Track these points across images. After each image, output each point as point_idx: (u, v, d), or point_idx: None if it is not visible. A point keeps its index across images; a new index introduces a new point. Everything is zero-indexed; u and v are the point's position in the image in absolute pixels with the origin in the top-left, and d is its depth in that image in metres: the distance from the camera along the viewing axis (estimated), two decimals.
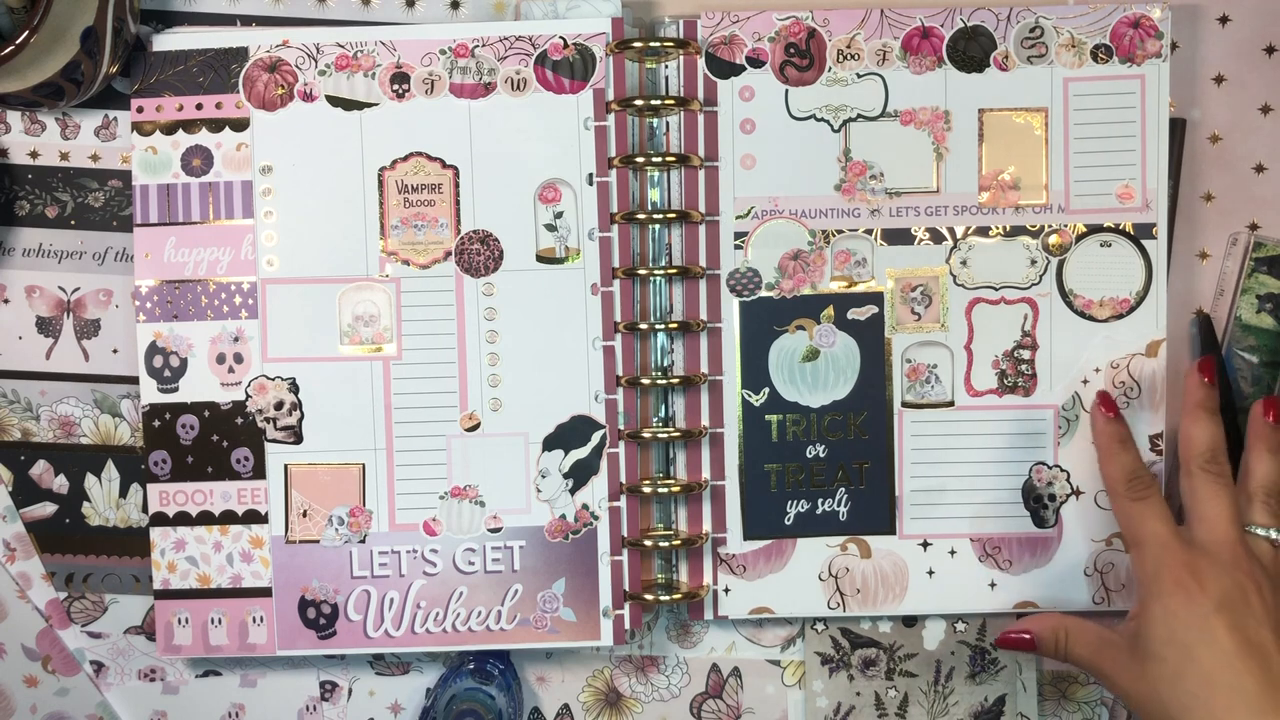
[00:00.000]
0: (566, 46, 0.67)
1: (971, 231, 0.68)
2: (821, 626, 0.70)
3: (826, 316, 0.68)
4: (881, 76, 0.68)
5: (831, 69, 0.68)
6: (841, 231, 0.68)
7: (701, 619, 0.70)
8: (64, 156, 0.70)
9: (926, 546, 0.69)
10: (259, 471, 0.68)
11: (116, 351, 0.70)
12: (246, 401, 0.68)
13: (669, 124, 0.68)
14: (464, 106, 0.68)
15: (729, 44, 0.68)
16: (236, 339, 0.68)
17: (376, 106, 0.68)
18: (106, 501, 0.71)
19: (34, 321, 0.70)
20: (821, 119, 0.68)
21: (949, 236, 0.68)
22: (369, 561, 0.68)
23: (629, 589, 0.68)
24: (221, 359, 0.68)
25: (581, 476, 0.68)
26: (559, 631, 0.68)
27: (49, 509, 0.71)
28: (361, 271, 0.68)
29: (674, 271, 0.67)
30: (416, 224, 0.68)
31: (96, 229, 0.70)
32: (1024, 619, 0.66)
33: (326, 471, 0.68)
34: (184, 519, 0.69)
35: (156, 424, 0.68)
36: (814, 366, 0.68)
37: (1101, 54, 0.67)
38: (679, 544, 0.68)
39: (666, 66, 0.68)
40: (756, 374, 0.68)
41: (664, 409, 0.69)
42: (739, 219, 0.68)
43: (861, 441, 0.68)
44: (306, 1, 0.70)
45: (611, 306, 0.68)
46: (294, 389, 0.68)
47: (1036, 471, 0.68)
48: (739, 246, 0.68)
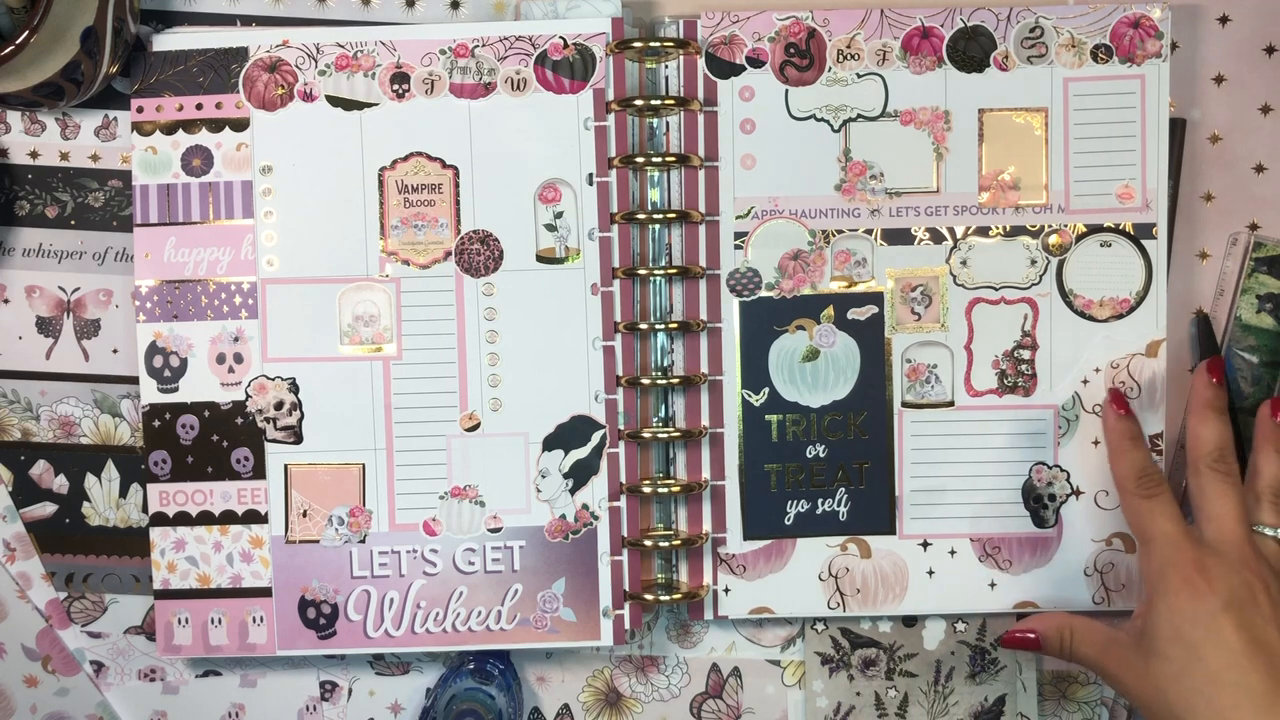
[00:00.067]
0: (566, 46, 0.67)
1: (971, 231, 0.68)
2: (821, 626, 0.70)
3: (826, 316, 0.68)
4: (881, 76, 0.68)
5: (831, 69, 0.68)
6: (841, 231, 0.68)
7: (701, 619, 0.70)
8: (64, 156, 0.70)
9: (926, 546, 0.68)
10: (259, 471, 0.68)
11: (116, 351, 0.70)
12: (246, 401, 0.68)
13: (669, 124, 0.68)
14: (464, 106, 0.68)
15: (729, 44, 0.68)
16: (236, 339, 0.68)
17: (376, 106, 0.68)
18: (106, 501, 0.71)
19: (34, 321, 0.70)
20: (821, 119, 0.68)
21: (949, 236, 0.68)
22: (369, 561, 0.68)
23: (629, 589, 0.68)
24: (221, 359, 0.68)
25: (581, 476, 0.68)
26: (559, 631, 0.68)
27: (49, 509, 0.71)
28: (361, 271, 0.68)
29: (674, 271, 0.67)
30: (416, 224, 0.68)
31: (96, 229, 0.70)
32: (1028, 619, 0.65)
33: (326, 471, 0.68)
34: (184, 519, 0.69)
35: (156, 424, 0.68)
36: (814, 366, 0.68)
37: (1101, 54, 0.67)
38: (679, 544, 0.67)
39: (666, 66, 0.68)
40: (756, 374, 0.68)
41: (664, 409, 0.69)
42: (739, 219, 0.68)
43: (861, 441, 0.68)
44: (306, 1, 0.70)
45: (611, 306, 0.68)
46: (294, 389, 0.68)
47: (1036, 471, 0.68)
48: (739, 246, 0.68)
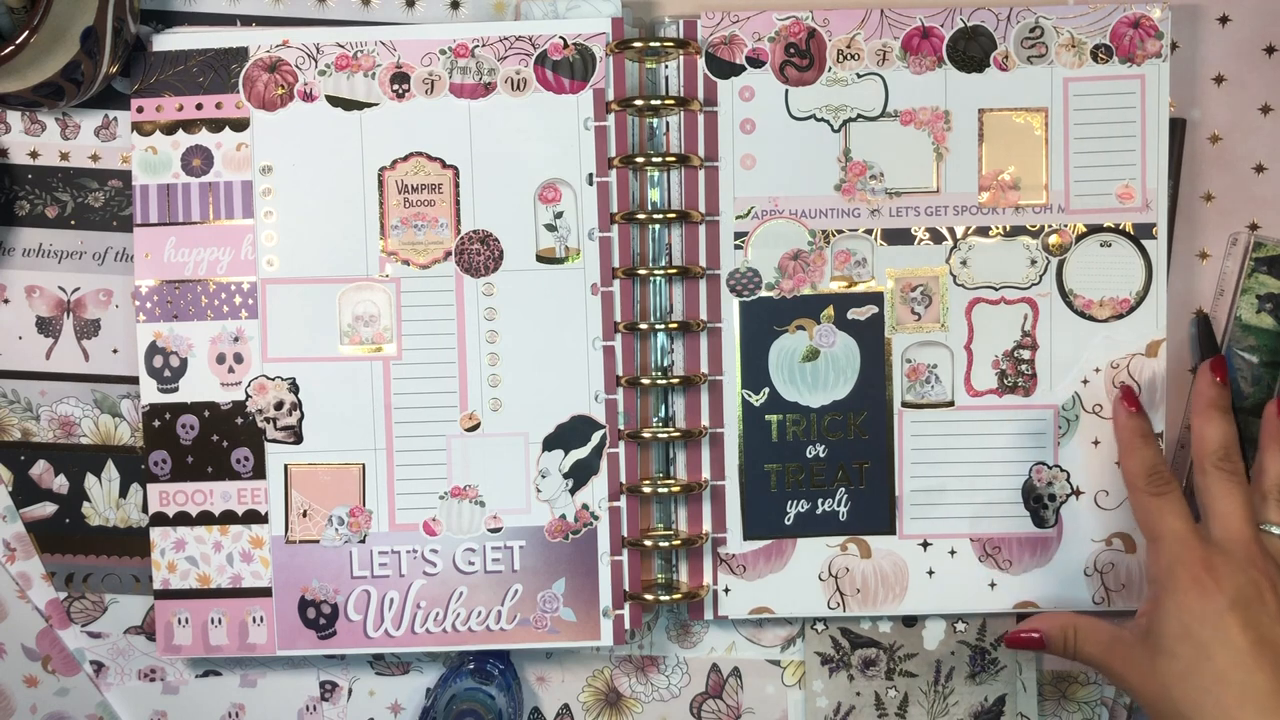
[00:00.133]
0: (566, 46, 0.67)
1: (971, 231, 0.68)
2: (821, 626, 0.70)
3: (826, 316, 0.68)
4: (881, 76, 0.68)
5: (831, 69, 0.68)
6: (841, 231, 0.68)
7: (701, 619, 0.70)
8: (64, 156, 0.70)
9: (926, 546, 0.68)
10: (259, 471, 0.68)
11: (116, 351, 0.70)
12: (246, 401, 0.68)
13: (669, 124, 0.68)
14: (464, 106, 0.68)
15: (729, 44, 0.68)
16: (236, 339, 0.68)
17: (376, 106, 0.68)
18: (106, 501, 0.71)
19: (34, 321, 0.70)
20: (821, 119, 0.68)
21: (949, 236, 0.68)
22: (369, 561, 0.68)
23: (629, 589, 0.68)
24: (221, 359, 0.68)
25: (581, 476, 0.68)
26: (559, 631, 0.68)
27: (49, 509, 0.71)
28: (361, 271, 0.68)
29: (674, 271, 0.67)
30: (416, 224, 0.68)
31: (96, 229, 0.70)
32: (1032, 618, 0.65)
33: (326, 471, 0.68)
34: (184, 519, 0.69)
35: (156, 424, 0.68)
36: (814, 366, 0.68)
37: (1101, 54, 0.67)
38: (679, 544, 0.67)
39: (666, 66, 0.68)
40: (756, 374, 0.68)
41: (664, 409, 0.69)
42: (739, 219, 0.68)
43: (861, 441, 0.68)
44: (306, 1, 0.70)
45: (611, 306, 0.68)
46: (294, 389, 0.68)
47: (1036, 471, 0.68)
48: (739, 246, 0.68)
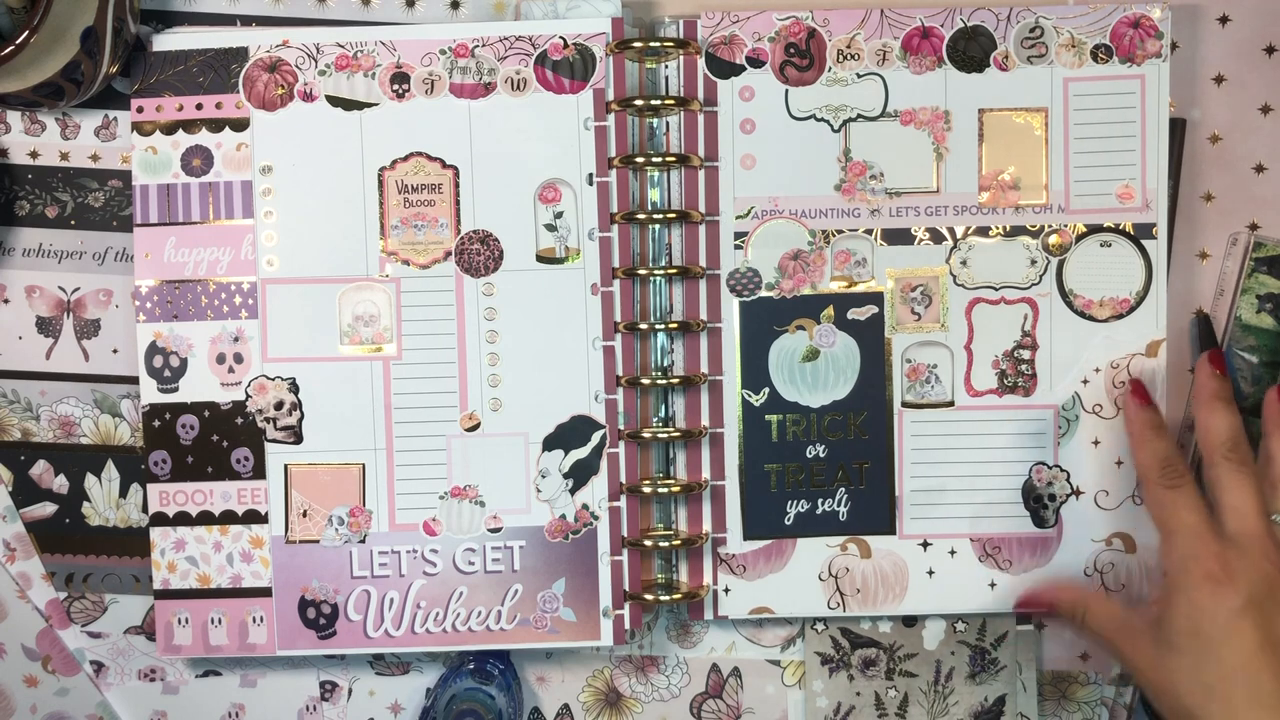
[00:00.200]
0: (566, 46, 0.67)
1: (971, 231, 0.68)
2: (821, 626, 0.70)
3: (826, 316, 0.68)
4: (881, 76, 0.68)
5: (831, 69, 0.68)
6: (841, 231, 0.68)
7: (701, 619, 0.70)
8: (64, 156, 0.70)
9: (926, 546, 0.68)
10: (259, 471, 0.68)
11: (116, 351, 0.70)
12: (246, 401, 0.68)
13: (669, 124, 0.68)
14: (464, 106, 0.68)
15: (729, 44, 0.68)
16: (236, 339, 0.68)
17: (376, 106, 0.68)
18: (106, 501, 0.71)
19: (34, 321, 0.70)
20: (821, 119, 0.68)
21: (949, 236, 0.68)
22: (369, 561, 0.68)
23: (629, 589, 0.68)
24: (221, 359, 0.68)
25: (581, 476, 0.68)
26: (559, 631, 0.68)
27: (49, 509, 0.71)
28: (361, 271, 0.68)
29: (674, 271, 0.67)
30: (416, 224, 0.68)
31: (96, 229, 0.70)
32: (1050, 584, 0.66)
33: (326, 471, 0.68)
34: (184, 519, 0.69)
35: (156, 424, 0.68)
36: (814, 366, 0.68)
37: (1101, 54, 0.67)
38: (679, 544, 0.67)
39: (666, 66, 0.68)
40: (756, 374, 0.68)
41: (664, 409, 0.69)
42: (739, 219, 0.68)
43: (861, 441, 0.68)
44: (306, 1, 0.70)
45: (611, 306, 0.68)
46: (294, 389, 0.68)
47: (1036, 471, 0.68)
48: (739, 246, 0.68)
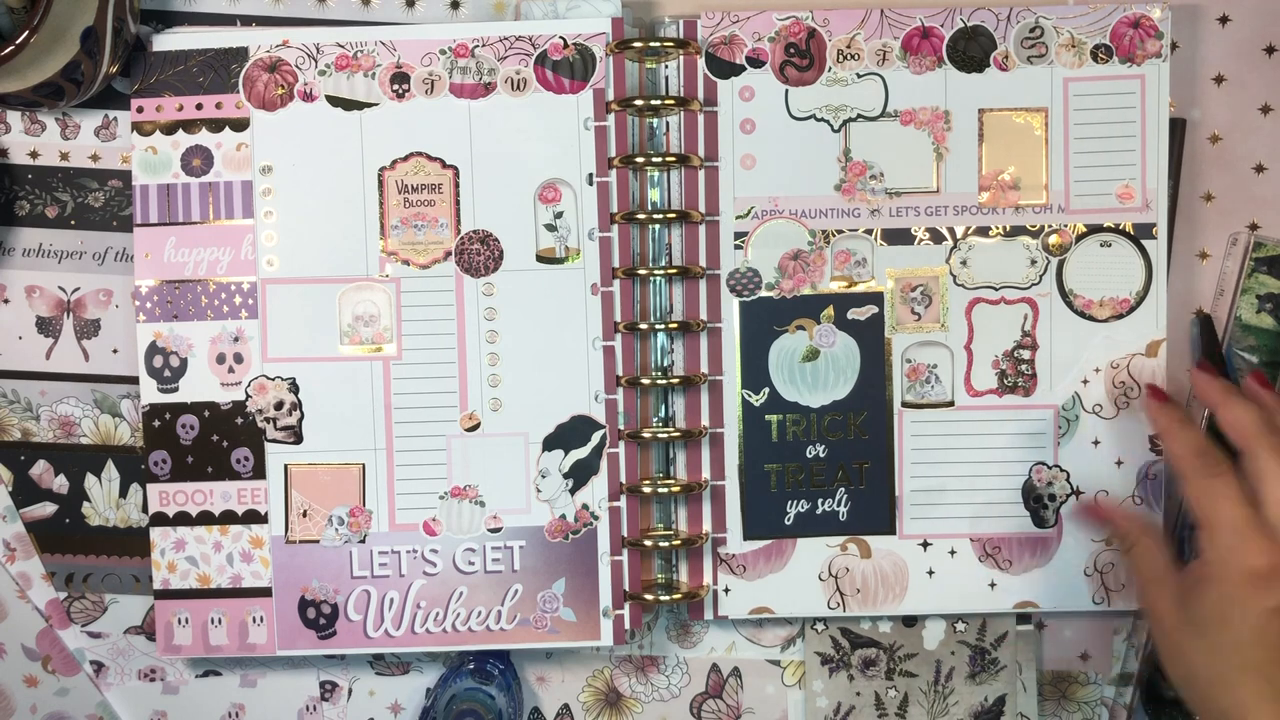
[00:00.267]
0: (566, 46, 0.67)
1: (971, 231, 0.68)
2: (821, 626, 0.70)
3: (826, 316, 0.68)
4: (881, 76, 0.68)
5: (831, 69, 0.68)
6: (841, 231, 0.68)
7: (701, 619, 0.70)
8: (64, 156, 0.70)
9: (926, 546, 0.68)
10: (259, 471, 0.68)
11: (116, 351, 0.70)
12: (246, 401, 0.68)
13: (669, 124, 0.68)
14: (464, 106, 0.68)
15: (729, 44, 0.68)
16: (236, 339, 0.68)
17: (376, 106, 0.68)
18: (106, 501, 0.71)
19: (34, 321, 0.70)
20: (821, 119, 0.68)
21: (949, 236, 0.68)
22: (369, 561, 0.68)
23: (629, 589, 0.68)
24: (221, 359, 0.68)
25: (581, 476, 0.68)
26: (559, 631, 0.68)
27: (49, 509, 0.71)
28: (361, 271, 0.68)
29: (674, 271, 0.67)
30: (416, 224, 0.68)
31: (96, 229, 0.70)
32: (1114, 507, 0.67)
33: (326, 471, 0.68)
34: (184, 519, 0.69)
35: (156, 424, 0.68)
36: (814, 366, 0.68)
37: (1101, 54, 0.67)
38: (679, 544, 0.67)
39: (666, 66, 0.68)
40: (756, 374, 0.68)
41: (664, 409, 0.69)
42: (739, 219, 0.68)
43: (861, 441, 0.68)
44: (306, 1, 0.70)
45: (611, 306, 0.68)
46: (294, 389, 0.68)
47: (1036, 471, 0.68)
48: (739, 246, 0.68)
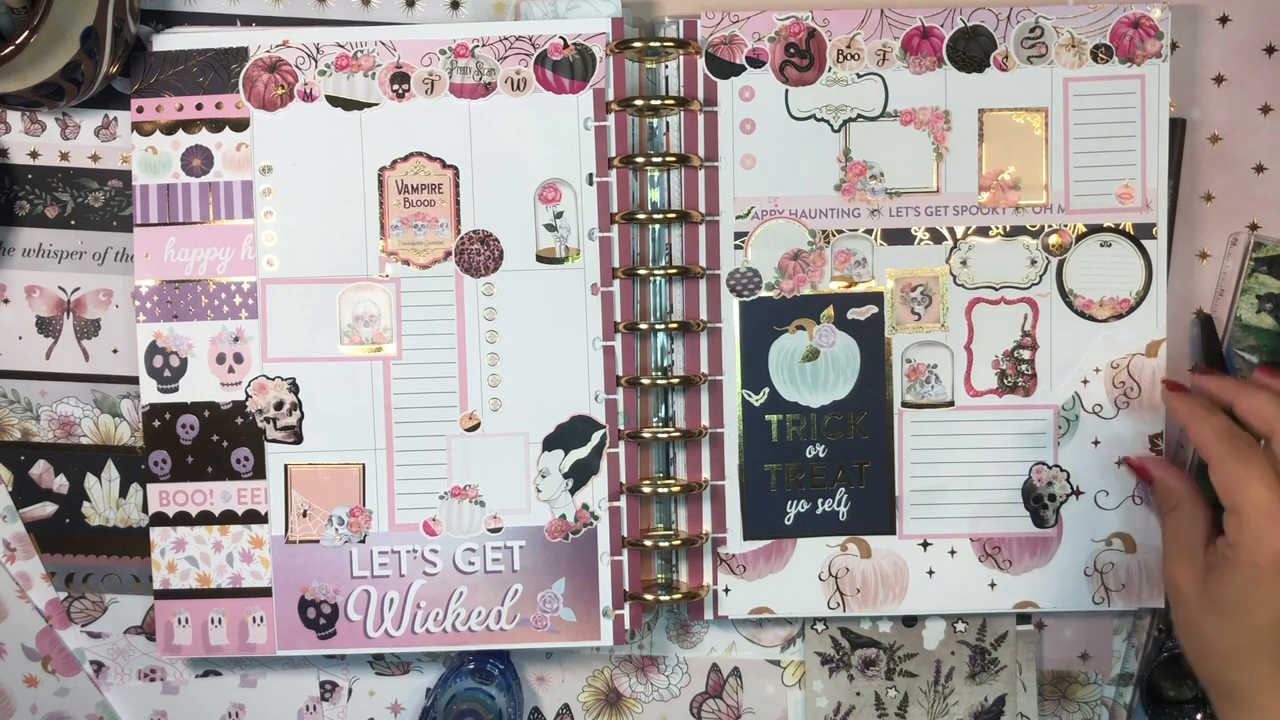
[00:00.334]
0: (566, 46, 0.67)
1: (971, 231, 0.68)
2: (821, 626, 0.70)
3: (826, 316, 0.68)
4: (881, 76, 0.68)
5: (831, 69, 0.68)
6: (841, 231, 0.68)
7: (701, 619, 0.70)
8: (64, 156, 0.70)
9: (926, 546, 0.68)
10: (259, 471, 0.68)
11: (116, 351, 0.70)
12: (246, 401, 0.68)
13: (669, 124, 0.68)
14: (464, 106, 0.68)
15: (729, 44, 0.68)
16: (236, 339, 0.68)
17: (376, 106, 0.68)
18: (106, 501, 0.71)
19: (34, 321, 0.70)
20: (821, 119, 0.68)
21: (949, 236, 0.68)
22: (369, 561, 0.68)
23: (629, 589, 0.68)
24: (221, 359, 0.68)
25: (581, 476, 0.68)
26: (559, 631, 0.68)
27: (49, 509, 0.71)
28: (361, 271, 0.68)
29: (674, 271, 0.67)
30: (416, 224, 0.68)
31: (96, 229, 0.70)
32: (1161, 463, 0.66)
33: (326, 471, 0.68)
34: (184, 519, 0.69)
35: (156, 424, 0.68)
36: (814, 366, 0.68)
37: (1101, 54, 0.67)
38: (679, 544, 0.67)
39: (666, 66, 0.68)
40: (756, 374, 0.68)
41: (664, 409, 0.69)
42: (739, 219, 0.68)
43: (861, 441, 0.68)
44: (306, 1, 0.70)
45: (611, 306, 0.68)
46: (294, 389, 0.68)
47: (1036, 471, 0.68)
48: (739, 246, 0.68)
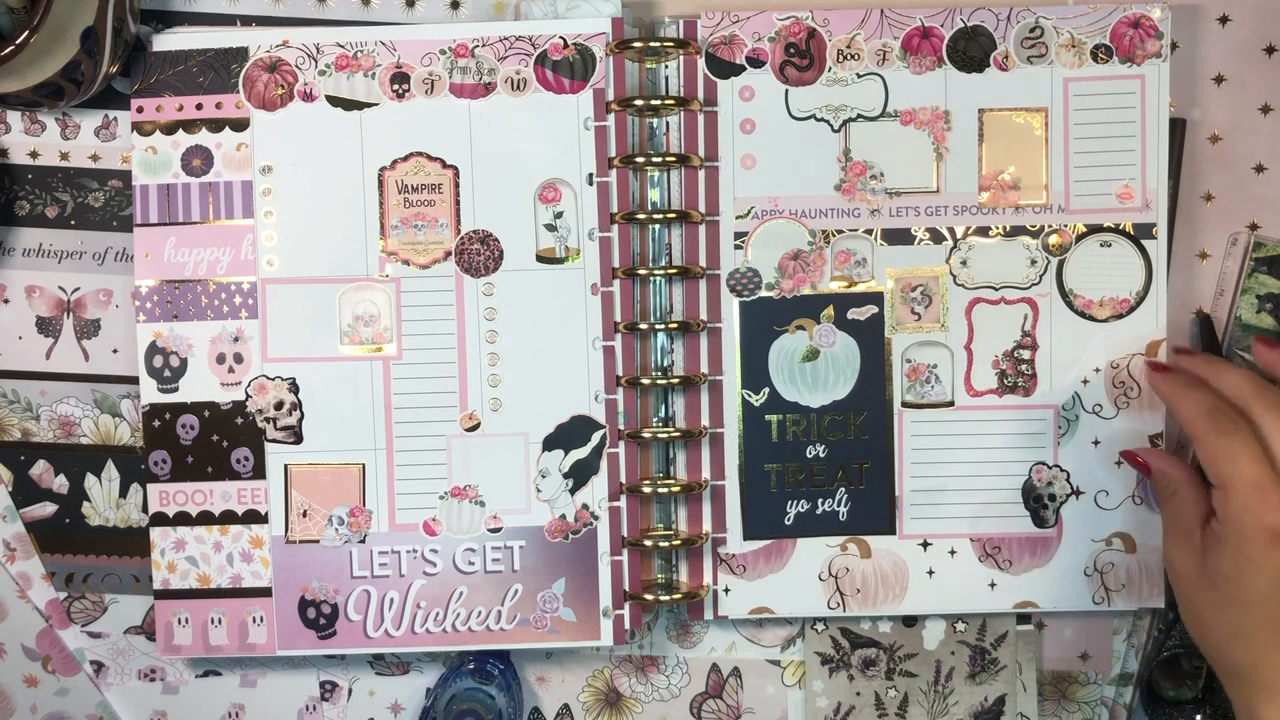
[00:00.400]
0: (566, 46, 0.67)
1: (971, 231, 0.68)
2: (821, 626, 0.70)
3: (826, 316, 0.68)
4: (881, 76, 0.68)
5: (831, 69, 0.68)
6: (841, 231, 0.68)
7: (701, 619, 0.70)
8: (64, 156, 0.70)
9: (926, 546, 0.68)
10: (259, 471, 0.68)
11: (116, 351, 0.70)
12: (246, 401, 0.68)
13: (669, 124, 0.68)
14: (464, 106, 0.68)
15: (729, 44, 0.68)
16: (236, 339, 0.68)
17: (376, 106, 0.68)
18: (106, 501, 0.71)
19: (34, 321, 0.70)
20: (821, 119, 0.68)
21: (949, 236, 0.68)
22: (369, 561, 0.68)
23: (629, 589, 0.68)
24: (221, 359, 0.68)
25: (581, 476, 0.68)
26: (559, 631, 0.68)
27: (49, 509, 0.71)
28: (361, 271, 0.68)
29: (674, 271, 0.67)
30: (416, 224, 0.68)
31: (96, 229, 0.70)
32: (1158, 452, 0.65)
33: (326, 471, 0.68)
34: (184, 519, 0.69)
35: (156, 424, 0.68)
36: (814, 366, 0.68)
37: (1101, 54, 0.67)
38: (679, 544, 0.67)
39: (666, 66, 0.68)
40: (756, 374, 0.68)
41: (664, 409, 0.69)
42: (739, 219, 0.68)
43: (861, 441, 0.68)
44: (306, 1, 0.70)
45: (611, 306, 0.68)
46: (294, 389, 0.68)
47: (1036, 471, 0.68)
48: (739, 246, 0.68)
